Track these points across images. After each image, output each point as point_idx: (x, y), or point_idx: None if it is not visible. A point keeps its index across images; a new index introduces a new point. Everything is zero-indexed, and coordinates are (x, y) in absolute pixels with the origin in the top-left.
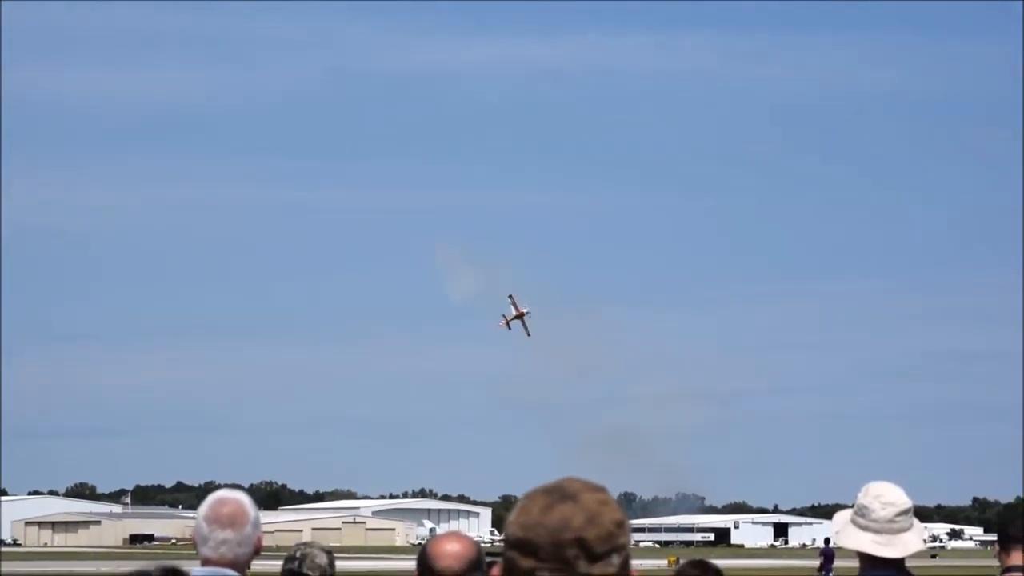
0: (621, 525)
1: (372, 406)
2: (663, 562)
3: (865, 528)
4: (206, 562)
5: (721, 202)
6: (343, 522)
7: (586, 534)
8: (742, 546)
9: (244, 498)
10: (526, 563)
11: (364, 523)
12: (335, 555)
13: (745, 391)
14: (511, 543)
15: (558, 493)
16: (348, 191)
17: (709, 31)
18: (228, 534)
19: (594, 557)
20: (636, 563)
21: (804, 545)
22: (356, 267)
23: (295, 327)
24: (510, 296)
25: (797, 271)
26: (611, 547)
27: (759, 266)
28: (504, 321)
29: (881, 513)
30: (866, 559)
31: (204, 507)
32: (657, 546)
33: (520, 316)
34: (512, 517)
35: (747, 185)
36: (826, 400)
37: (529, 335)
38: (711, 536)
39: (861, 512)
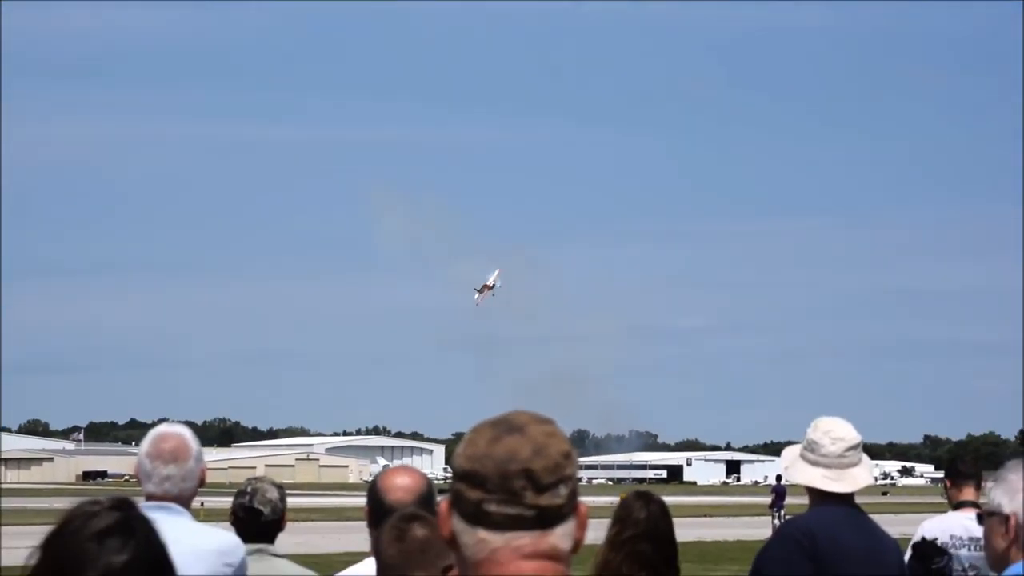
0: (568, 456)
1: (326, 344)
2: (615, 498)
3: (815, 463)
4: (150, 498)
5: (669, 140)
6: (296, 459)
7: (533, 465)
8: (694, 483)
9: (186, 432)
10: (473, 495)
11: (317, 460)
12: (287, 491)
13: (698, 329)
14: (458, 475)
15: (505, 425)
16: (290, 128)
17: None
18: (171, 469)
19: (541, 488)
20: (589, 499)
21: (756, 482)
22: (311, 204)
23: (251, 263)
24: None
25: (749, 209)
26: (558, 478)
27: (713, 204)
28: (481, 293)
29: (831, 448)
30: (816, 494)
31: (146, 443)
32: (610, 483)
33: (490, 288)
34: (460, 449)
35: (694, 123)
36: (778, 338)
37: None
38: (663, 473)
39: (811, 447)
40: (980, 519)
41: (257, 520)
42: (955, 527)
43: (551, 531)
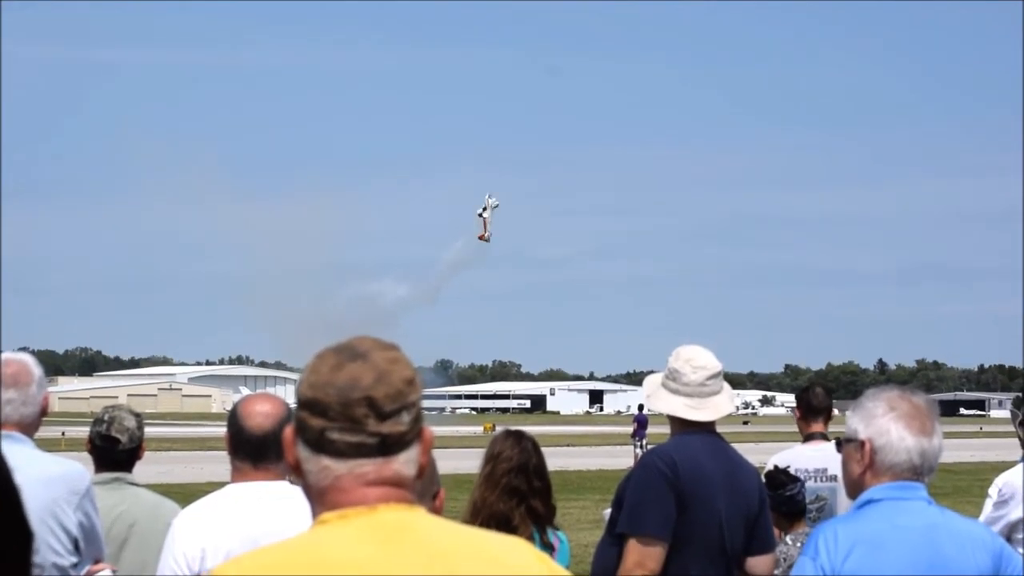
0: (411, 383)
1: (189, 270)
2: (479, 428)
3: (676, 392)
4: None
5: (520, 61)
6: (159, 388)
7: (375, 392)
8: (558, 413)
9: (28, 358)
10: (316, 423)
11: (180, 390)
12: (148, 421)
13: (557, 258)
14: (301, 402)
15: (348, 352)
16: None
17: None
18: (11, 394)
19: (383, 415)
20: (453, 429)
21: (619, 412)
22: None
23: (113, 187)
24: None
25: (607, 135)
26: (400, 405)
27: (569, 129)
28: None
29: (692, 377)
30: (677, 423)
31: None
32: (474, 413)
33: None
34: (303, 376)
35: (546, 47)
36: (637, 266)
37: (483, 238)
38: (527, 403)
39: (672, 376)
40: (838, 446)
41: (114, 449)
42: (800, 459)
43: (395, 458)
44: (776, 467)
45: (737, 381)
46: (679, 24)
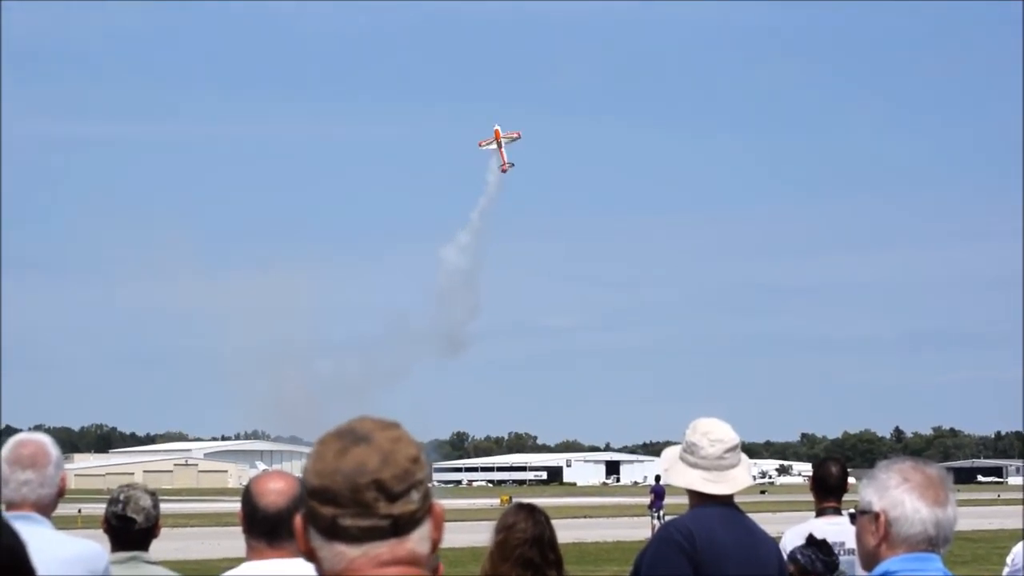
0: (417, 460)
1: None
2: (495, 501)
3: (694, 465)
4: (10, 506)
5: (550, 141)
6: (175, 464)
7: (382, 475)
8: (574, 484)
9: (46, 439)
10: (327, 511)
11: (196, 465)
12: (164, 497)
13: (571, 327)
14: (310, 492)
15: (351, 436)
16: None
17: None
18: (29, 475)
19: (393, 497)
20: (469, 502)
21: (635, 483)
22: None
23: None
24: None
25: (621, 205)
26: (409, 484)
27: (584, 200)
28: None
29: (709, 450)
30: (695, 495)
31: (5, 449)
32: (490, 485)
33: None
34: (308, 464)
35: (562, 122)
36: (655, 335)
37: (505, 169)
38: (543, 475)
39: (690, 449)
40: (852, 518)
41: (130, 528)
42: (817, 533)
43: (408, 537)
44: (812, 536)
45: (753, 450)
46: (679, 95)
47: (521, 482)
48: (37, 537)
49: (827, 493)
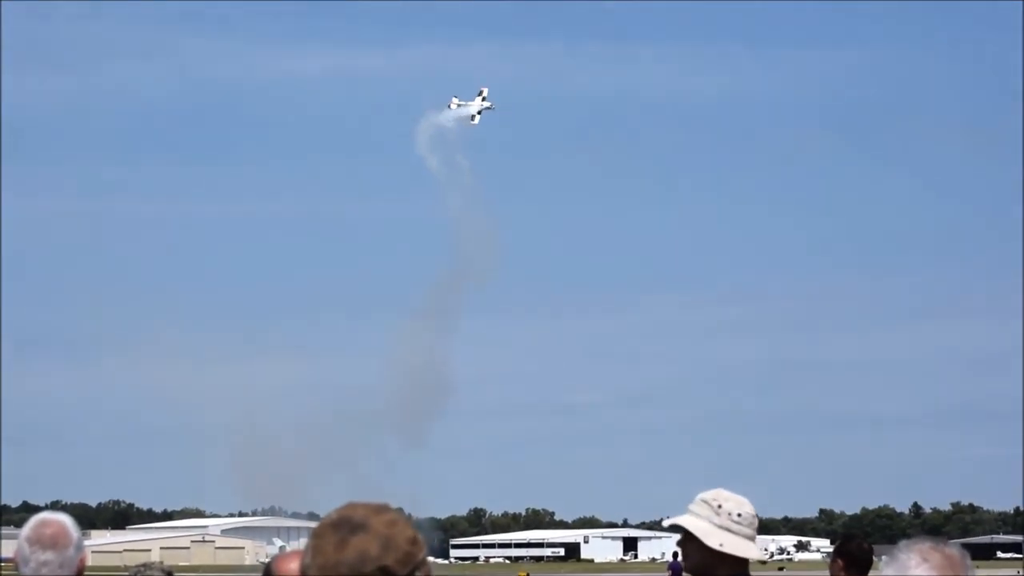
0: (415, 541)
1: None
2: None
3: (747, 537)
4: None
5: (557, 217)
6: (192, 541)
7: (386, 561)
8: (592, 560)
9: (67, 520)
10: None
11: (213, 542)
12: (181, 574)
13: (589, 404)
14: None
15: (347, 525)
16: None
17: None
18: (49, 555)
19: None
20: None
21: (653, 559)
22: (202, 275)
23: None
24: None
25: (639, 282)
26: (412, 566)
27: (605, 277)
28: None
29: (751, 519)
30: (721, 566)
31: (27, 528)
32: (508, 562)
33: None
34: (307, 559)
35: (580, 201)
36: (670, 411)
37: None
38: (561, 551)
39: (737, 520)
40: None
41: None
42: None
43: None
44: None
45: (771, 526)
46: (694, 176)
47: (539, 558)
48: None
49: (858, 567)
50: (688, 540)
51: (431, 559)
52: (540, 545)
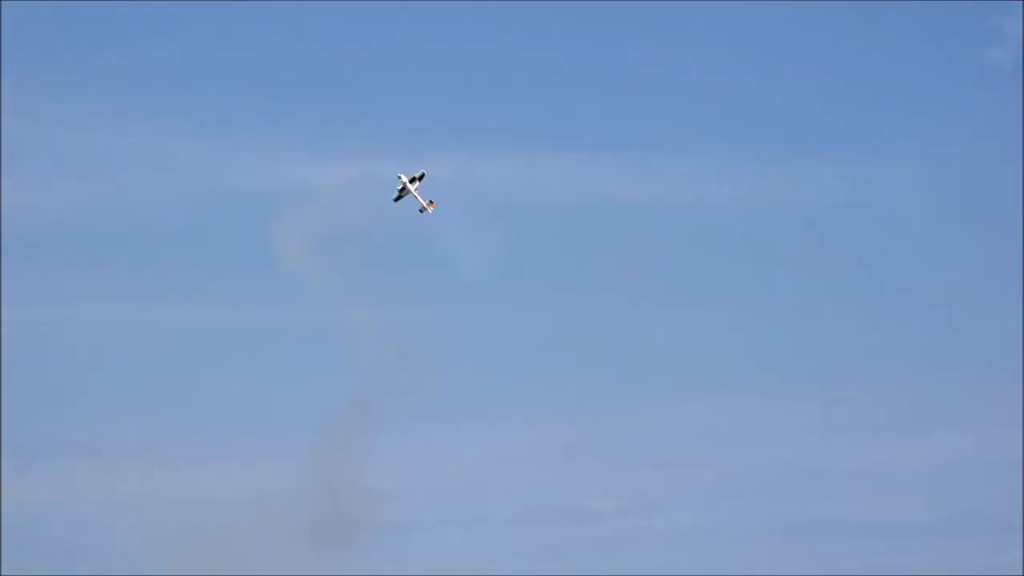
0: None
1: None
2: None
3: None
4: None
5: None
6: None
7: None
8: None
9: None
10: None
11: None
12: None
13: (606, 511)
14: None
15: None
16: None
17: None
18: None
19: None
20: None
21: None
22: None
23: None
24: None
25: (652, 386)
26: None
27: (615, 380)
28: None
29: None
30: None
31: None
32: None
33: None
34: None
35: (596, 299)
36: (691, 518)
37: (423, 209)
38: None
39: None
40: None
41: None
42: None
43: None
44: None
45: None
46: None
47: None
48: None
49: None
50: None
51: None
52: None
